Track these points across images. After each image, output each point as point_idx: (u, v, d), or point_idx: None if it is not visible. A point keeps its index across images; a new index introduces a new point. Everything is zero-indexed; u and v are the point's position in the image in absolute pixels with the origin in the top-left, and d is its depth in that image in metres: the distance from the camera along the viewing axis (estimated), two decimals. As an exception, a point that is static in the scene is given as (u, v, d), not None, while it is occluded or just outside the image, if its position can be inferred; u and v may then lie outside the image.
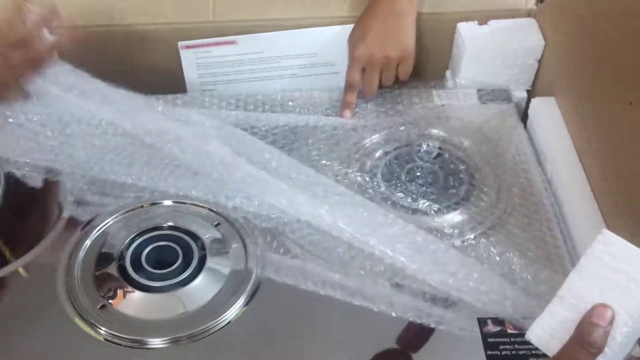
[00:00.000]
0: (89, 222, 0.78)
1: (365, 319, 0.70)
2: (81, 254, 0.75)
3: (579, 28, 0.84)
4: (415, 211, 0.79)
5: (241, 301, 0.70)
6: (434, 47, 0.98)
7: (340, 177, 0.83)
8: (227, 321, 0.69)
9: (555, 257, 0.74)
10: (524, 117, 0.94)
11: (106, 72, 0.84)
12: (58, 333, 0.69)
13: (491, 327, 0.68)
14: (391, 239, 0.73)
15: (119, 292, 0.71)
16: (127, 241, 0.75)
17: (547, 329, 0.58)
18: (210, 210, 0.79)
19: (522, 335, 0.66)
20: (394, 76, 0.92)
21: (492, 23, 0.94)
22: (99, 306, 0.69)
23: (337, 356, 0.68)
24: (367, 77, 0.91)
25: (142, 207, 0.80)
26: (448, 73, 1.00)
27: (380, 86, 0.93)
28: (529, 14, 0.96)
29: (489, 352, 0.66)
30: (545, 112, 0.88)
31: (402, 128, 0.90)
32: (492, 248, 0.75)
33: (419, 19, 0.93)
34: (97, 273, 0.73)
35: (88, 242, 0.76)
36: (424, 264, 0.72)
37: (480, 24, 0.94)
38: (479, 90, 0.95)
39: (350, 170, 0.83)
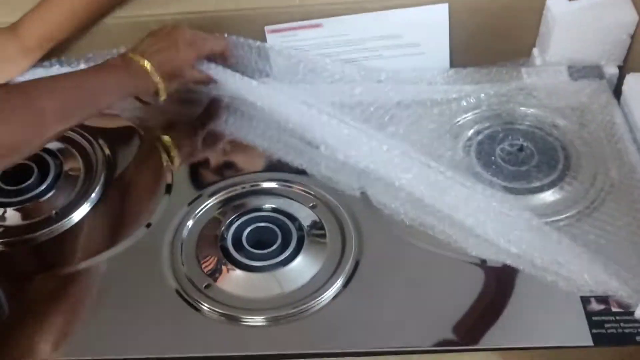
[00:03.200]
0: (191, 202, 0.80)
1: (466, 292, 0.70)
2: (185, 233, 0.77)
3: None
4: (509, 189, 0.78)
5: (339, 282, 0.71)
6: (521, 25, 0.97)
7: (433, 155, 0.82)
8: (325, 302, 0.70)
9: (657, 235, 0.73)
10: (615, 93, 0.91)
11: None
12: (163, 310, 0.71)
13: (595, 306, 0.67)
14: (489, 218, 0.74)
15: (222, 271, 0.73)
16: (227, 222, 0.77)
17: (656, 307, 0.57)
18: (307, 192, 0.81)
19: (628, 313, 0.66)
20: None
21: (583, -2, 0.92)
22: (204, 285, 0.72)
23: (439, 328, 0.68)
24: None
25: (243, 187, 0.82)
26: (535, 51, 0.98)
27: None
28: (621, -12, 0.93)
29: (594, 331, 0.65)
30: (641, 88, 0.86)
31: (493, 107, 0.89)
32: (588, 229, 0.74)
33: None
34: (200, 252, 0.75)
35: (191, 222, 0.78)
36: (523, 243, 0.72)
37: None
38: (569, 67, 0.93)
39: (444, 149, 0.83)
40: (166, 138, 0.92)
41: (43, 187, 0.82)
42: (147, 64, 0.81)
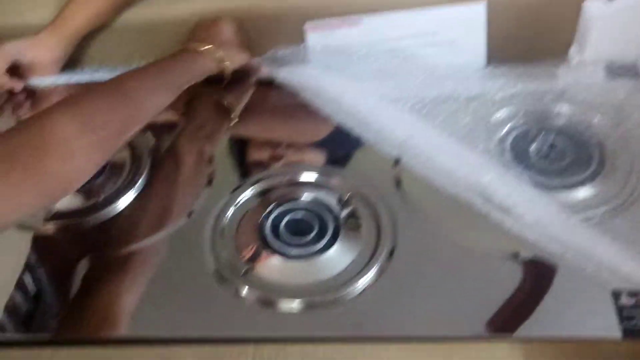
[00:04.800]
0: (233, 190, 0.83)
1: (498, 285, 0.72)
2: (225, 221, 0.80)
3: None
4: (543, 185, 0.79)
5: (373, 271, 0.73)
6: (559, 23, 0.98)
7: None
8: (359, 290, 0.72)
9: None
10: (652, 92, 0.92)
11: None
12: (203, 294, 0.74)
13: (625, 300, 0.68)
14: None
15: (261, 257, 0.76)
16: (267, 211, 0.80)
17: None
18: (344, 184, 0.83)
19: (659, 308, 0.67)
20: None
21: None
22: (243, 271, 0.74)
23: (470, 319, 0.70)
24: None
25: (282, 178, 0.84)
26: (573, 50, 0.98)
27: None
28: (659, -13, 0.93)
29: (624, 325, 0.66)
30: (678, 87, 0.87)
31: (528, 104, 0.90)
32: (621, 225, 0.75)
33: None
34: (240, 239, 0.78)
35: (231, 210, 0.81)
36: (556, 235, 0.73)
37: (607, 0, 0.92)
38: (606, 66, 0.94)
39: (478, 143, 0.85)
40: (209, 129, 0.95)
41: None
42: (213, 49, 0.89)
